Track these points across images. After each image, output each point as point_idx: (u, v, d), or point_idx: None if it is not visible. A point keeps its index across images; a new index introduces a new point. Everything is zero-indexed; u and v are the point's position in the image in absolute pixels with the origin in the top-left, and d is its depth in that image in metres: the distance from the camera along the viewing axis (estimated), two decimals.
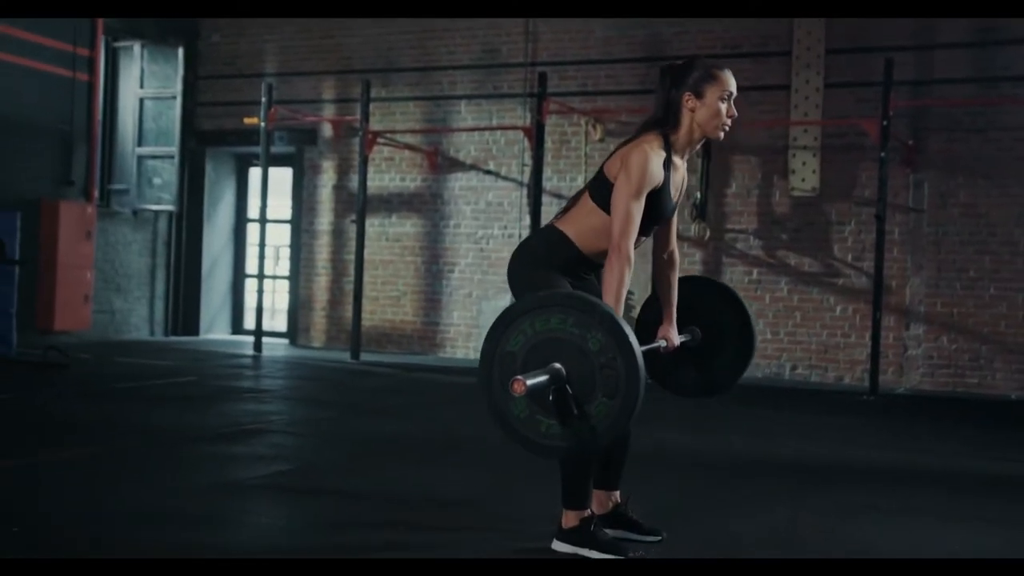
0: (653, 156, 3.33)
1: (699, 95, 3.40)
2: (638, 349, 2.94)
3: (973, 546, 3.82)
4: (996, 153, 9.20)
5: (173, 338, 12.05)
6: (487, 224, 10.92)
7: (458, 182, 11.06)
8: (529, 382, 2.87)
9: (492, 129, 10.80)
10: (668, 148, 3.41)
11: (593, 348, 2.96)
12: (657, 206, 3.39)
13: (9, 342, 9.04)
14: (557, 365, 2.97)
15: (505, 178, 10.86)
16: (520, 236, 10.58)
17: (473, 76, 11.02)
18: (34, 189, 10.40)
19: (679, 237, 4.01)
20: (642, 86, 10.12)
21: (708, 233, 9.88)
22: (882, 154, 8.58)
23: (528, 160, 10.48)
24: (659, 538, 3.61)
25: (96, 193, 11.12)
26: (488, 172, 10.94)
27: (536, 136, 9.59)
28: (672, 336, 3.64)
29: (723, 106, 3.41)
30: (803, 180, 9.68)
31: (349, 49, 11.55)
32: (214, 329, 12.46)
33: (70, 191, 10.81)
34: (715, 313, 3.80)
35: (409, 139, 11.17)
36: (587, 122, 10.37)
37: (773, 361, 9.77)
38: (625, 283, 3.24)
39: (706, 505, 4.36)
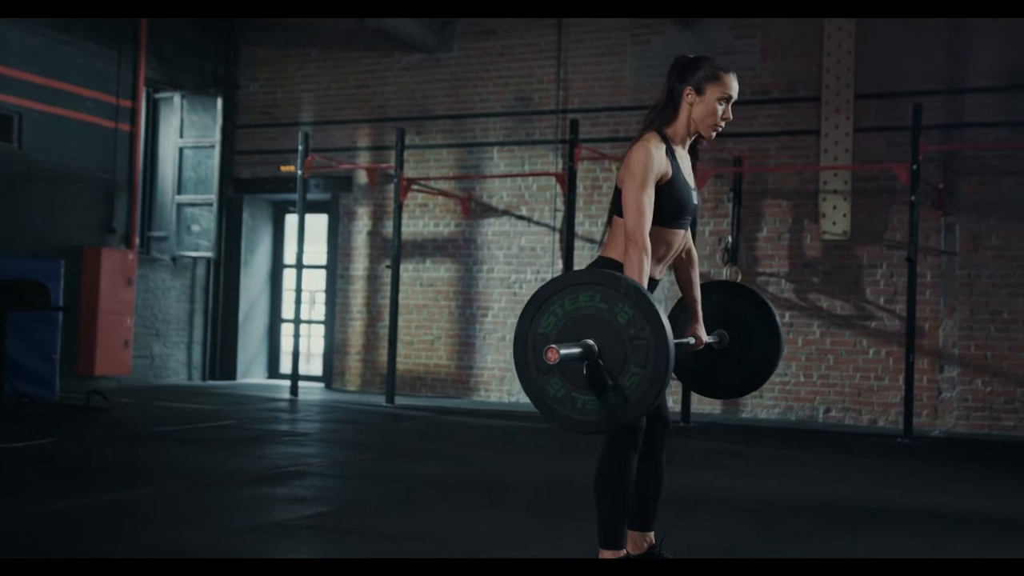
0: (652, 148, 3.45)
1: (700, 92, 3.51)
2: (665, 318, 3.04)
3: None
4: None
5: (211, 382, 12.21)
6: (520, 269, 11.04)
7: (491, 227, 11.20)
8: (562, 351, 2.98)
9: (524, 175, 10.95)
10: (667, 140, 3.53)
11: (621, 321, 3.06)
12: (678, 194, 3.50)
13: (52, 387, 9.22)
14: (590, 341, 3.07)
15: (537, 223, 10.99)
16: None
17: (505, 123, 11.20)
18: (77, 236, 10.65)
19: (705, 278, 4.11)
20: None
21: (740, 276, 9.94)
22: (912, 198, 8.63)
23: (560, 205, 10.61)
24: None
25: (137, 240, 11.37)
26: (521, 217, 11.08)
27: (568, 182, 9.71)
28: (700, 333, 3.77)
29: (720, 108, 3.52)
30: (834, 224, 9.74)
31: (383, 97, 11.78)
32: (251, 373, 12.62)
33: (112, 238, 11.05)
34: (741, 316, 3.91)
35: (443, 185, 11.34)
36: (618, 167, 10.47)
37: (806, 404, 9.78)
38: (644, 269, 3.33)
39: (739, 547, 4.40)
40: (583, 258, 10.42)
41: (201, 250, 12.06)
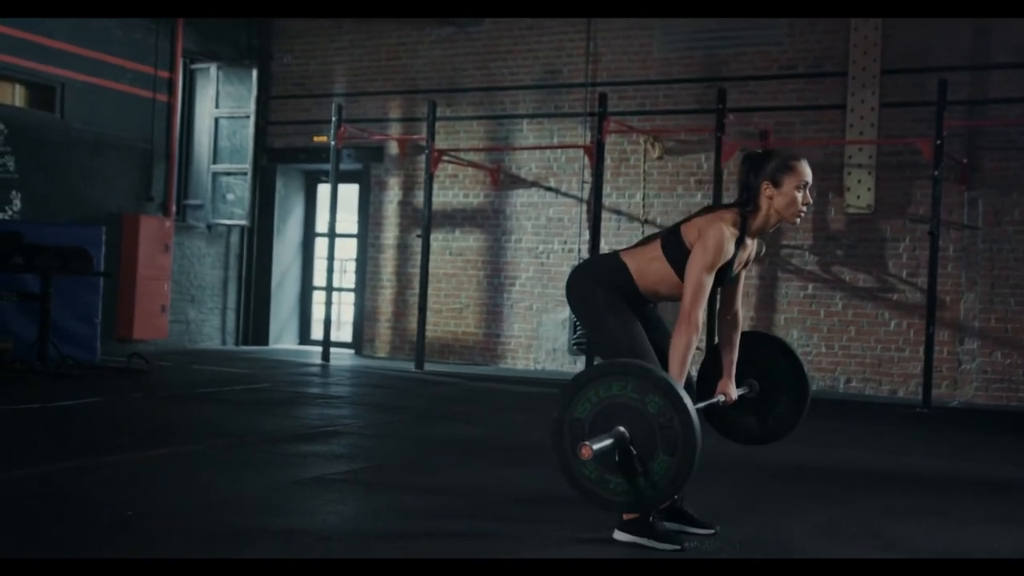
0: (728, 235, 3.64)
1: (776, 184, 3.68)
2: (693, 410, 3.28)
3: (1017, 546, 4.02)
4: None
5: (244, 347, 12.51)
6: (547, 239, 11.24)
7: (519, 198, 11.40)
8: (595, 447, 3.23)
9: (553, 147, 11.12)
10: (744, 227, 3.71)
11: (652, 411, 3.30)
12: (717, 276, 3.71)
13: (94, 349, 9.53)
14: (621, 428, 3.31)
15: (565, 195, 11.18)
16: (579, 251, 10.88)
17: (535, 96, 11.37)
18: (117, 204, 10.95)
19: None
20: (699, 106, 10.40)
21: (764, 249, 10.02)
22: (935, 172, 8.76)
23: (588, 177, 10.79)
24: (712, 531, 3.89)
25: (174, 208, 11.64)
26: (549, 189, 11.27)
27: (596, 154, 9.89)
28: (730, 391, 3.94)
29: (799, 195, 3.69)
30: (858, 197, 9.87)
31: (415, 70, 11.96)
32: (283, 339, 12.91)
33: (150, 206, 11.33)
34: (771, 366, 4.10)
35: (472, 157, 11.53)
36: (646, 140, 10.65)
37: (828, 374, 9.96)
38: (691, 350, 3.57)
39: (758, 504, 4.61)
40: (609, 229, 10.61)
41: (235, 218, 12.33)
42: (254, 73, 12.30)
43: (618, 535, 3.74)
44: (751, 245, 3.81)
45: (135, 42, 11.08)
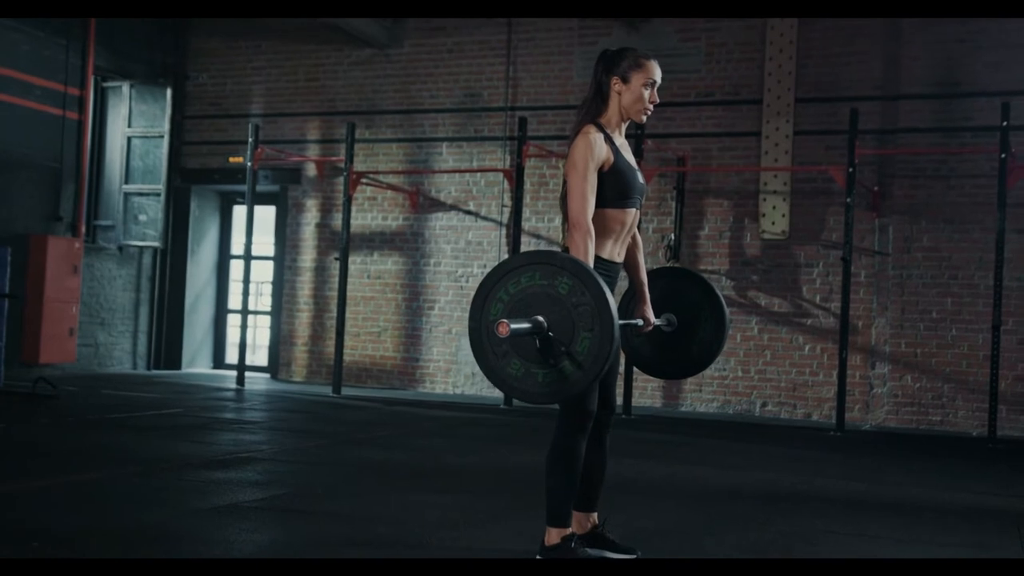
0: (591, 137, 3.68)
1: (625, 80, 3.77)
2: (603, 282, 3.27)
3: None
4: (958, 199, 9.59)
5: (156, 372, 12.22)
6: (467, 263, 11.21)
7: (439, 222, 11.36)
8: (512, 325, 3.20)
9: (472, 171, 11.11)
10: (603, 129, 3.75)
11: (563, 292, 3.29)
12: (622, 176, 3.72)
13: None
14: (539, 317, 3.29)
15: (485, 218, 11.17)
16: None
17: (455, 119, 11.35)
18: (24, 224, 10.62)
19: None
20: None
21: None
22: (848, 200, 8.94)
23: (508, 201, 10.80)
24: (634, 556, 3.87)
25: (83, 229, 11.35)
26: (468, 212, 11.24)
27: (516, 178, 9.90)
28: (648, 314, 3.98)
29: (646, 92, 3.78)
30: (773, 223, 10.03)
31: (333, 91, 11.87)
32: (196, 363, 12.65)
33: (58, 226, 11.02)
34: (686, 299, 4.16)
35: (391, 179, 11.46)
36: (563, 164, 10.68)
37: (743, 398, 10.07)
38: (589, 250, 3.55)
39: (678, 528, 4.62)
40: None
41: (148, 240, 12.07)
42: (168, 92, 12.09)
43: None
44: (623, 140, 3.82)
45: (44, 58, 10.81)
